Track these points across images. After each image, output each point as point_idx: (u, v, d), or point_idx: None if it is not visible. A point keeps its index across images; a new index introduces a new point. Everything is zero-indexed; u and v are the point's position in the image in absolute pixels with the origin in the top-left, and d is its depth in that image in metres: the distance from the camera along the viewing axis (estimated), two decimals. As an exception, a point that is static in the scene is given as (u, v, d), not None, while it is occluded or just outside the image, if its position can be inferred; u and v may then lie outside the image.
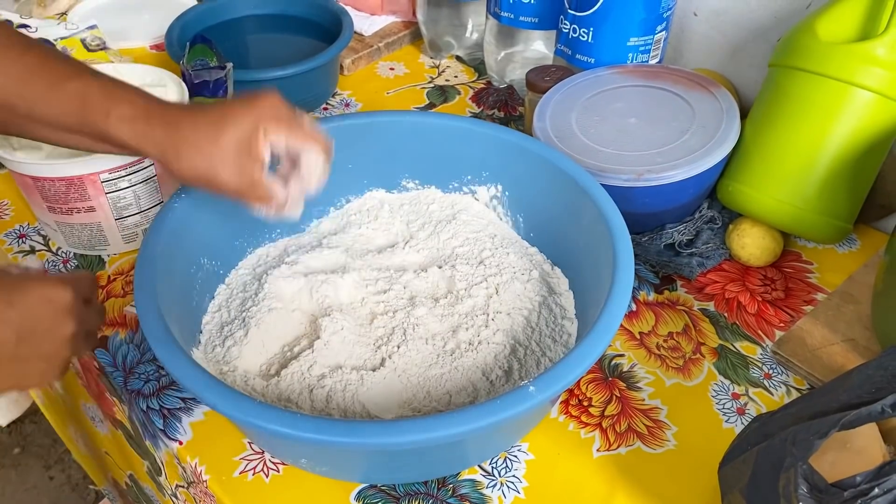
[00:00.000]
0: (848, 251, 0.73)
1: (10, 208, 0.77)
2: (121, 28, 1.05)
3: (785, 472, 0.41)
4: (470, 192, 0.70)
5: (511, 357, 0.57)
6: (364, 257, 0.65)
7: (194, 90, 0.74)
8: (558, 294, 0.62)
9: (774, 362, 0.63)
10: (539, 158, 0.63)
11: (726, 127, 0.68)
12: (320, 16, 0.96)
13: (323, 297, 0.61)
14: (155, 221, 0.57)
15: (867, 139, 0.63)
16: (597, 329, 0.49)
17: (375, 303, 0.61)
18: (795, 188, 0.66)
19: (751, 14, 0.81)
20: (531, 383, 0.45)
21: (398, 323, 0.59)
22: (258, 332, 0.58)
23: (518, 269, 0.63)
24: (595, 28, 0.78)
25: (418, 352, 0.57)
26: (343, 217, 0.70)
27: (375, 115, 0.69)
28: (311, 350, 0.56)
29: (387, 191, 0.71)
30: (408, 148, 0.68)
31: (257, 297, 0.61)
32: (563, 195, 0.62)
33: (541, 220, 0.66)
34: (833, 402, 0.44)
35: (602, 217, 0.57)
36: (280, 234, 0.68)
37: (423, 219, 0.69)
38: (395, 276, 0.63)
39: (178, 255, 0.57)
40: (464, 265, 0.64)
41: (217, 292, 0.63)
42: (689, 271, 0.69)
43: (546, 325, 0.59)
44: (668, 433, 0.58)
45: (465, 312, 0.60)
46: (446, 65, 1.00)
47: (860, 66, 0.62)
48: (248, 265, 0.66)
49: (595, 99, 0.75)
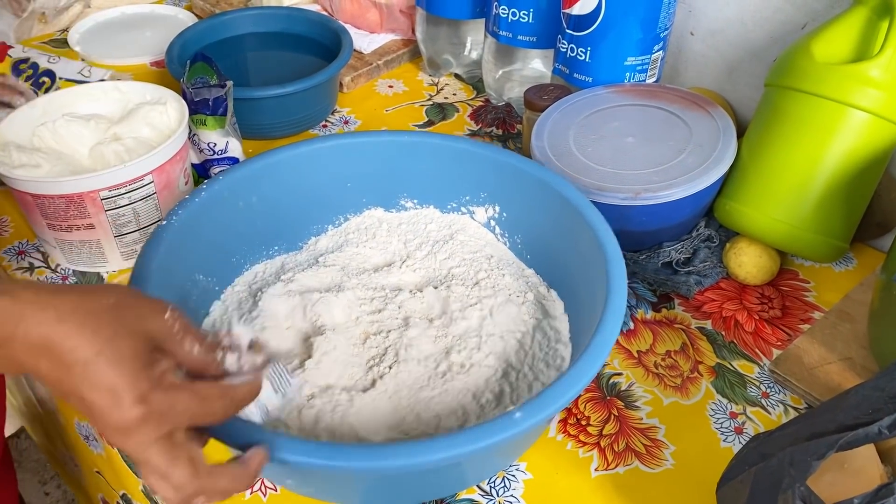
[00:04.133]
0: (844, 270, 0.73)
1: (10, 225, 0.78)
2: (122, 45, 1.06)
3: (783, 494, 0.41)
4: (468, 213, 0.70)
5: (503, 381, 0.56)
6: (360, 276, 0.65)
7: (194, 108, 0.74)
8: (553, 317, 0.62)
9: (772, 381, 0.63)
10: (536, 181, 0.63)
11: (723, 146, 0.69)
12: (320, 34, 0.97)
13: (317, 315, 0.60)
14: (152, 237, 0.56)
15: (863, 159, 0.64)
16: (586, 356, 0.48)
17: (369, 322, 0.61)
18: (792, 207, 0.66)
19: (747, 34, 0.82)
20: (518, 409, 0.44)
21: (391, 343, 0.59)
22: None
23: (513, 291, 0.63)
24: (593, 47, 0.79)
25: (410, 373, 0.56)
26: (341, 235, 0.70)
27: (375, 134, 0.70)
28: (302, 369, 0.56)
29: (385, 210, 0.71)
30: (407, 167, 0.68)
31: (251, 315, 0.60)
32: (560, 218, 0.62)
33: (538, 242, 0.66)
34: (831, 423, 0.44)
35: (597, 241, 0.56)
36: (278, 251, 0.68)
37: (421, 238, 0.69)
38: (390, 295, 0.63)
39: (173, 272, 0.57)
40: (459, 286, 0.63)
41: (212, 308, 0.63)
42: (686, 289, 0.69)
43: (539, 349, 0.59)
44: (666, 452, 0.57)
45: (459, 334, 0.60)
46: (445, 82, 1.01)
47: (855, 87, 0.62)
48: (244, 281, 0.66)
49: (593, 118, 0.75)
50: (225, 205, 0.62)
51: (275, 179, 0.65)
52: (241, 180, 0.63)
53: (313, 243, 0.70)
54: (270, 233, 0.68)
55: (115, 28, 1.11)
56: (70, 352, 0.36)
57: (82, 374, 0.36)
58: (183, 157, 0.72)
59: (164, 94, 0.75)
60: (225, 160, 0.78)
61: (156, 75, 1.01)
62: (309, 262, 0.67)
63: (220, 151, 0.77)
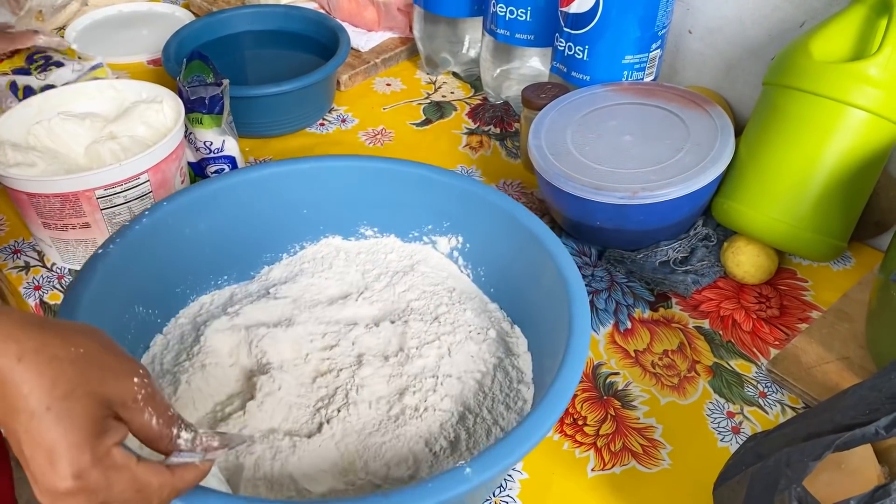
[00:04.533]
0: (842, 269, 0.73)
1: (5, 224, 0.77)
2: (118, 43, 1.06)
3: (779, 494, 0.41)
4: (430, 242, 0.67)
5: (459, 426, 0.53)
6: (313, 309, 0.61)
7: (190, 106, 0.74)
8: (516, 355, 0.59)
9: (769, 381, 0.62)
10: (501, 212, 0.60)
11: (721, 145, 0.68)
12: (317, 32, 0.97)
13: (262, 352, 0.57)
14: (84, 267, 0.53)
15: (861, 158, 0.64)
16: (541, 409, 0.45)
17: (320, 360, 0.57)
18: (790, 206, 0.66)
19: (745, 32, 0.81)
20: (468, 464, 0.41)
21: (342, 383, 0.55)
22: (188, 389, 0.54)
23: (474, 327, 0.60)
24: (590, 46, 0.78)
25: (360, 417, 0.53)
26: (296, 265, 0.66)
27: (334, 159, 0.66)
28: (243, 411, 0.52)
29: (343, 238, 0.68)
30: (367, 194, 0.65)
31: (192, 351, 0.57)
32: (524, 251, 0.59)
33: (502, 275, 0.63)
34: (827, 423, 0.44)
35: (561, 278, 0.53)
36: (227, 281, 0.65)
37: (380, 269, 0.66)
38: (343, 330, 0.60)
39: (108, 304, 0.53)
40: (417, 321, 0.60)
41: (153, 342, 0.59)
42: (684, 289, 0.69)
43: (500, 391, 0.56)
44: (662, 452, 0.57)
45: (415, 374, 0.56)
46: (443, 81, 1.01)
47: (854, 86, 0.62)
48: (189, 314, 0.62)
49: (590, 116, 0.75)
50: (170, 232, 0.59)
51: (225, 205, 0.62)
52: (188, 206, 0.60)
53: (266, 273, 0.66)
54: (219, 262, 0.64)
55: (111, 26, 1.10)
56: (21, 397, 0.33)
57: (26, 425, 0.34)
58: (179, 155, 0.72)
59: (161, 92, 0.75)
60: (221, 159, 0.77)
61: (152, 73, 1.01)
62: (259, 293, 0.63)
63: (217, 150, 0.77)
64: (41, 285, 0.71)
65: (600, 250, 0.74)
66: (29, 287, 0.70)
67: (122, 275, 0.55)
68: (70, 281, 0.51)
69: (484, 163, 0.86)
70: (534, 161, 0.72)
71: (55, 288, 0.70)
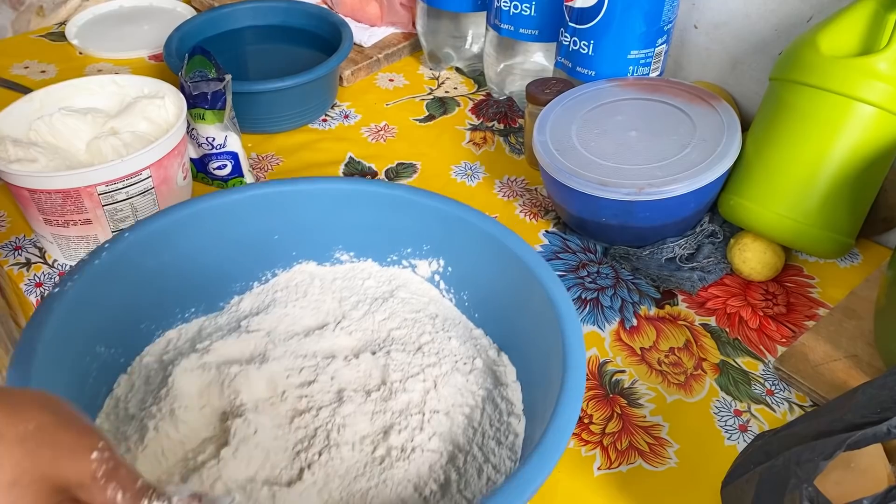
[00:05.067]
0: (850, 266, 0.73)
1: (6, 220, 0.77)
2: (119, 38, 1.05)
3: (790, 494, 0.40)
4: (410, 266, 0.64)
5: (448, 466, 0.50)
6: (288, 342, 0.58)
7: (193, 102, 0.74)
8: (504, 385, 0.56)
9: (776, 378, 0.62)
10: (483, 233, 0.57)
11: (727, 141, 0.68)
12: (320, 27, 0.96)
13: (235, 392, 0.53)
14: (38, 310, 0.49)
15: (869, 154, 0.63)
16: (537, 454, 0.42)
17: (297, 397, 0.53)
18: (797, 202, 0.65)
19: (751, 27, 0.81)
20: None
21: (322, 423, 0.51)
22: (157, 436, 0.50)
23: (460, 357, 0.57)
24: (596, 41, 0.78)
25: (343, 460, 0.49)
26: (268, 294, 0.63)
27: (305, 181, 0.62)
28: (216, 459, 0.48)
29: (318, 263, 0.64)
30: (341, 218, 0.62)
31: (160, 394, 0.52)
32: (509, 275, 0.56)
33: (487, 300, 0.60)
34: (837, 422, 0.43)
35: (551, 304, 0.51)
36: (195, 314, 0.61)
37: (358, 296, 0.62)
38: (322, 364, 0.56)
39: (65, 348, 0.49)
40: (399, 352, 0.57)
41: (117, 384, 0.55)
42: (690, 286, 0.68)
43: (490, 425, 0.53)
44: (669, 451, 0.57)
45: (399, 410, 0.53)
46: (446, 76, 1.00)
47: (862, 81, 0.61)
48: (155, 351, 0.58)
49: (595, 112, 0.74)
50: (132, 265, 0.55)
51: (190, 234, 0.58)
52: (151, 236, 0.56)
53: (236, 303, 0.63)
54: (186, 294, 0.60)
55: (112, 21, 1.10)
56: None
57: None
58: (181, 151, 0.71)
59: (162, 87, 0.74)
60: (224, 155, 0.77)
61: (154, 69, 1.00)
62: (230, 326, 0.60)
63: (219, 146, 0.76)
64: (42, 282, 0.70)
65: (605, 247, 0.74)
66: (30, 284, 0.70)
67: (80, 314, 0.51)
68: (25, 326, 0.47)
69: (487, 159, 0.86)
70: (538, 157, 0.71)
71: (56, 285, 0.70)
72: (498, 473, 0.50)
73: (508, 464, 0.51)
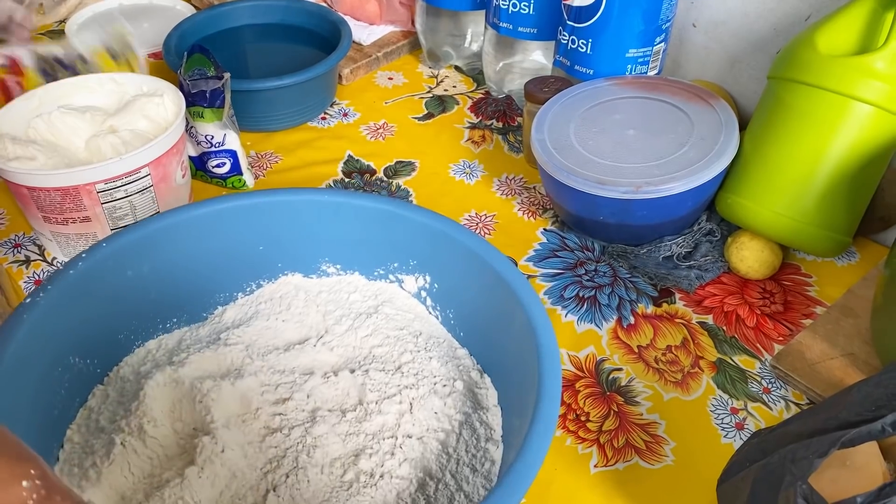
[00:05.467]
0: (847, 264, 0.73)
1: (6, 218, 0.77)
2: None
3: (784, 491, 0.41)
4: (397, 281, 0.63)
5: (418, 494, 0.49)
6: (266, 356, 0.57)
7: (191, 100, 0.74)
8: (485, 409, 0.54)
9: (773, 376, 0.62)
10: (469, 252, 0.56)
11: (725, 139, 0.68)
12: (319, 25, 0.96)
13: (206, 409, 0.51)
14: (7, 321, 0.48)
15: (866, 152, 0.63)
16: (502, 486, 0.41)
17: (271, 415, 0.52)
18: (794, 201, 0.65)
19: (750, 26, 0.81)
20: None
21: (293, 444, 0.50)
22: (124, 451, 0.49)
23: (440, 378, 0.56)
24: (594, 39, 0.78)
25: (310, 483, 0.48)
26: (252, 305, 0.62)
27: (292, 192, 0.61)
28: (181, 479, 0.47)
29: (304, 275, 0.64)
30: (328, 230, 0.61)
31: (131, 407, 0.51)
32: (494, 296, 0.55)
33: (471, 319, 0.59)
34: (833, 420, 0.43)
35: (531, 328, 0.49)
36: (177, 324, 0.60)
37: (342, 310, 0.61)
38: (299, 381, 0.55)
39: (35, 359, 0.49)
40: (378, 371, 0.56)
41: (91, 395, 0.54)
42: (687, 284, 0.68)
43: (466, 451, 0.51)
44: (666, 448, 0.57)
45: (373, 433, 0.52)
46: (445, 74, 1.00)
47: (859, 80, 0.61)
48: (133, 362, 0.57)
49: (593, 110, 0.74)
50: (109, 275, 0.54)
51: (172, 244, 0.58)
52: (130, 246, 0.55)
53: (219, 314, 0.62)
54: (167, 304, 0.59)
55: (112, 19, 1.09)
56: None
57: None
58: (180, 149, 0.71)
59: (161, 85, 0.74)
60: (222, 153, 0.77)
61: (153, 67, 1.00)
62: (210, 338, 0.59)
63: (218, 144, 0.76)
64: (42, 279, 0.70)
65: (603, 245, 0.74)
66: (29, 281, 0.70)
67: (53, 325, 0.50)
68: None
69: (486, 157, 0.86)
70: (536, 155, 0.71)
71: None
72: (470, 503, 0.49)
73: (482, 492, 0.49)
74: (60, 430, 0.52)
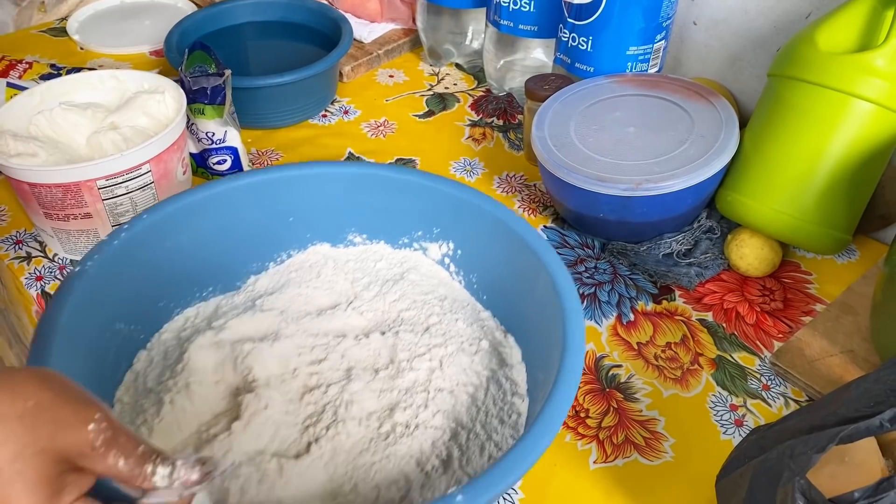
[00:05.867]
0: (847, 262, 0.73)
1: (7, 214, 0.77)
2: (120, 33, 1.05)
3: (783, 487, 0.41)
4: (421, 249, 0.65)
5: (451, 443, 0.51)
6: (300, 321, 0.59)
7: (192, 97, 0.74)
8: (510, 366, 0.57)
9: (773, 373, 0.62)
10: (492, 218, 0.58)
11: (725, 137, 0.68)
12: (320, 23, 0.96)
13: (248, 369, 0.55)
14: (60, 288, 0.50)
15: (866, 150, 0.63)
16: (533, 432, 0.43)
17: (308, 374, 0.55)
18: (794, 199, 0.65)
19: (750, 23, 0.81)
20: (459, 491, 0.40)
21: (331, 399, 0.53)
22: (172, 409, 0.52)
23: (466, 338, 0.58)
24: (594, 37, 0.78)
25: (349, 435, 0.51)
26: (283, 274, 0.65)
27: (319, 165, 0.64)
28: (228, 432, 0.50)
29: (332, 245, 0.66)
30: (355, 201, 0.64)
31: (177, 368, 0.55)
32: (517, 260, 0.57)
33: (494, 283, 0.61)
34: (831, 416, 0.44)
35: (555, 289, 0.52)
36: (212, 293, 0.63)
37: (370, 277, 0.64)
38: (332, 342, 0.58)
39: (86, 325, 0.51)
40: (408, 332, 0.58)
41: (136, 359, 0.57)
42: (687, 281, 0.69)
43: (493, 404, 0.54)
44: (665, 444, 0.57)
45: (406, 388, 0.54)
46: (446, 72, 1.00)
47: (860, 77, 0.62)
48: (174, 328, 0.60)
49: (594, 108, 0.75)
50: (149, 246, 0.57)
51: (208, 216, 0.60)
52: (168, 218, 0.58)
53: (252, 283, 0.64)
54: (203, 274, 0.62)
55: (113, 17, 1.10)
56: None
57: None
58: (181, 146, 0.72)
59: (162, 82, 0.75)
60: (223, 150, 0.77)
61: (154, 64, 1.00)
62: (246, 304, 0.61)
63: (219, 141, 0.76)
64: (43, 276, 0.70)
65: (603, 242, 0.74)
66: (31, 278, 0.70)
67: (100, 293, 0.52)
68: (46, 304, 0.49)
69: (486, 155, 0.86)
70: (537, 152, 0.71)
71: (57, 278, 0.70)
72: (500, 451, 0.51)
73: (511, 442, 0.52)
74: (110, 392, 0.55)
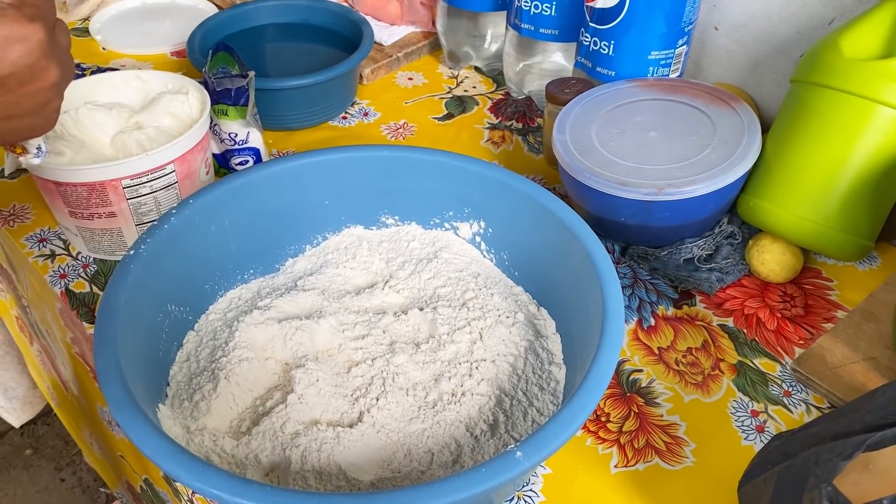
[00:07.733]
0: (868, 269, 0.72)
1: (32, 212, 0.78)
2: (142, 34, 1.06)
3: (808, 493, 0.41)
4: (452, 229, 0.67)
5: (496, 409, 0.54)
6: (341, 299, 0.62)
7: (216, 98, 0.74)
8: (545, 337, 0.60)
9: (794, 380, 0.62)
10: (522, 195, 0.61)
11: (748, 142, 0.68)
12: (341, 25, 0.97)
13: (297, 344, 0.58)
14: (118, 270, 0.53)
15: (890, 157, 0.63)
16: (585, 387, 0.46)
17: (353, 349, 0.58)
18: (817, 205, 0.65)
19: (772, 29, 0.81)
20: (518, 447, 0.42)
21: (377, 372, 0.56)
22: (228, 385, 0.54)
23: (503, 311, 0.60)
24: (616, 41, 0.78)
25: (398, 404, 0.54)
26: (319, 256, 0.67)
27: (352, 149, 0.66)
28: (284, 405, 0.53)
29: (365, 227, 0.69)
30: (387, 183, 0.66)
31: (228, 347, 0.57)
32: (549, 235, 0.59)
33: (526, 258, 0.64)
34: (857, 423, 0.43)
35: (590, 260, 0.54)
36: (253, 275, 0.66)
37: (404, 257, 0.66)
38: (373, 319, 0.60)
39: (142, 305, 0.54)
40: (446, 308, 0.61)
41: (186, 339, 0.60)
42: (708, 286, 0.68)
43: (533, 373, 0.57)
44: (686, 450, 0.57)
45: (448, 359, 0.57)
46: (465, 75, 1.00)
47: (884, 84, 0.61)
48: (219, 310, 0.62)
49: (615, 112, 0.75)
50: (196, 230, 0.60)
51: (249, 200, 0.63)
52: (213, 202, 0.61)
53: (291, 265, 0.67)
54: (245, 256, 0.65)
55: (135, 17, 1.11)
56: None
57: None
58: (204, 146, 0.72)
59: (186, 83, 0.75)
60: (245, 150, 0.78)
61: (177, 65, 1.01)
62: (287, 286, 0.64)
63: (241, 142, 0.77)
64: (66, 273, 0.71)
65: (624, 247, 0.74)
66: (55, 275, 0.71)
67: (153, 274, 0.55)
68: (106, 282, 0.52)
69: (506, 158, 0.86)
70: (558, 156, 0.71)
71: (80, 276, 0.71)
72: (541, 416, 0.54)
73: (551, 407, 0.55)
74: (165, 371, 0.57)
